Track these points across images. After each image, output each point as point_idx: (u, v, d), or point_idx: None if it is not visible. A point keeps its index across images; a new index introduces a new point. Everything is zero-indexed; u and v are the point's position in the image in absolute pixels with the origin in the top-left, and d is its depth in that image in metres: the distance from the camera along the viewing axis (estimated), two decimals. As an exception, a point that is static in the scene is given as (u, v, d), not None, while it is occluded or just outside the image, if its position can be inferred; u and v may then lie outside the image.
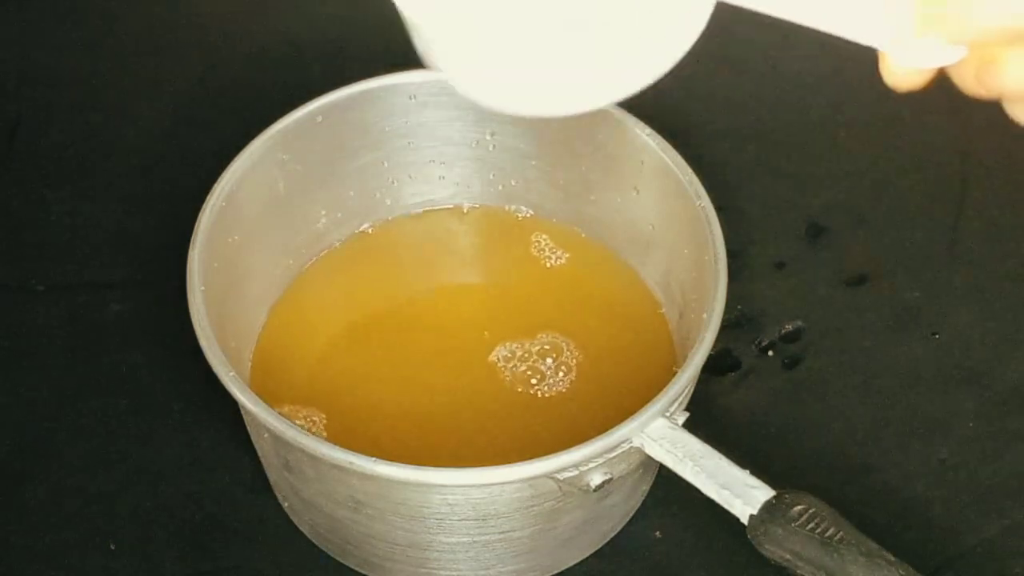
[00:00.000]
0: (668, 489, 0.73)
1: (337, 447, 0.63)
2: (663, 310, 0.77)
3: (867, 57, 0.97)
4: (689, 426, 0.66)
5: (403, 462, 0.63)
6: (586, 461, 0.63)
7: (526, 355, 0.76)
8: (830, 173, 0.88)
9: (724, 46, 0.95)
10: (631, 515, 0.73)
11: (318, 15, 0.96)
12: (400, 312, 0.79)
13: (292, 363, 0.75)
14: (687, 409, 0.67)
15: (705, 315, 0.68)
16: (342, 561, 0.72)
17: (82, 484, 0.75)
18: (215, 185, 0.72)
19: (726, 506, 0.64)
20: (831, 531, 0.63)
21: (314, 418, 0.73)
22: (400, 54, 0.84)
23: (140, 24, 0.96)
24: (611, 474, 0.64)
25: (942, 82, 0.95)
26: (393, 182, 0.80)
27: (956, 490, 0.74)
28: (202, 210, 0.71)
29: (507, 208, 0.81)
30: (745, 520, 0.64)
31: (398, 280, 0.80)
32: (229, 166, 0.73)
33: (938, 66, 0.51)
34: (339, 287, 0.79)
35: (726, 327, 0.79)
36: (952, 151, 0.88)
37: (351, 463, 0.63)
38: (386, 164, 0.79)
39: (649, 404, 0.64)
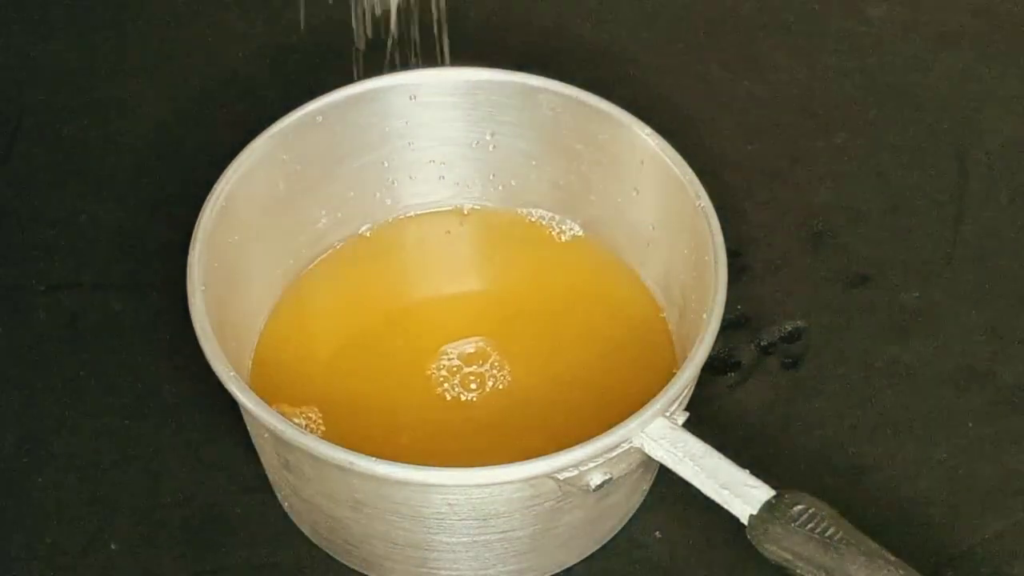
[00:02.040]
0: (668, 489, 0.73)
1: (337, 447, 0.63)
2: (663, 310, 0.77)
3: (867, 58, 0.97)
4: (689, 426, 0.66)
5: (403, 462, 0.63)
6: (586, 461, 0.63)
7: (526, 355, 0.76)
8: (830, 173, 0.88)
9: (724, 46, 0.95)
10: (631, 515, 0.73)
11: (318, 15, 0.96)
12: (400, 312, 0.79)
13: (292, 363, 0.75)
14: (687, 409, 0.67)
15: (705, 315, 0.68)
16: (342, 561, 0.72)
17: (82, 484, 0.75)
18: (215, 185, 0.72)
19: (726, 506, 0.64)
20: (831, 531, 0.63)
21: (313, 418, 0.73)
22: (400, 54, 0.84)
23: (140, 24, 0.96)
24: (611, 474, 0.64)
25: (942, 83, 0.95)
26: (393, 182, 0.80)
27: (956, 490, 0.74)
28: (202, 210, 0.71)
29: (507, 208, 0.81)
30: (745, 520, 0.64)
31: (398, 280, 0.80)
32: (229, 166, 0.73)
33: None
34: (339, 287, 0.79)
35: (726, 327, 0.78)
36: (952, 151, 0.88)
37: (351, 463, 0.63)
38: (386, 164, 0.79)
39: (649, 404, 0.64)
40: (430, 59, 0.79)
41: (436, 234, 0.81)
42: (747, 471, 0.65)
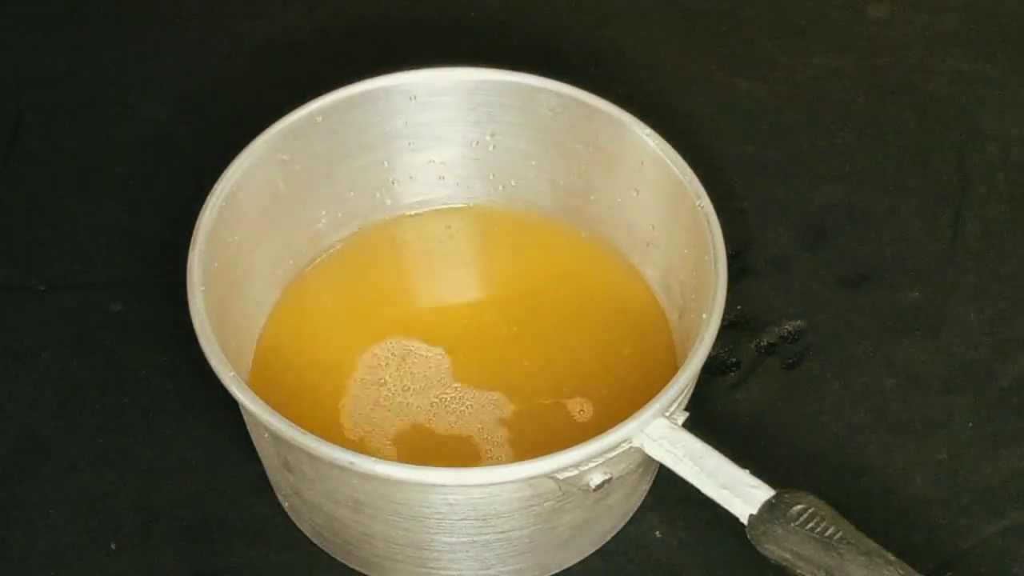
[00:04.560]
0: (668, 489, 0.73)
1: (337, 447, 0.63)
2: (663, 310, 0.77)
3: (867, 58, 0.97)
4: (689, 426, 0.66)
5: (404, 461, 0.63)
6: (586, 461, 0.63)
7: (526, 354, 0.76)
8: (830, 173, 0.88)
9: (724, 46, 0.95)
10: (631, 515, 0.73)
11: (318, 15, 0.96)
12: (400, 312, 0.79)
13: (292, 363, 0.75)
14: (687, 409, 0.67)
15: (705, 315, 0.68)
16: (342, 561, 0.72)
17: (82, 484, 0.75)
18: (215, 185, 0.72)
19: (726, 506, 0.64)
20: (831, 531, 0.63)
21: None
22: (400, 54, 0.84)
23: (140, 24, 0.96)
24: (611, 474, 0.64)
25: (942, 83, 0.95)
26: (393, 182, 0.80)
27: (956, 490, 0.74)
28: (202, 210, 0.71)
29: (507, 208, 0.81)
30: (745, 520, 0.64)
31: (398, 280, 0.80)
32: (229, 166, 0.73)
33: None
34: (339, 287, 0.79)
35: (726, 327, 0.79)
36: (952, 151, 0.88)
37: (351, 463, 0.63)
38: (386, 164, 0.79)
39: (649, 404, 0.64)
40: (430, 59, 0.79)
41: (436, 234, 0.81)
42: (747, 471, 0.65)
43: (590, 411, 0.73)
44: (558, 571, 0.72)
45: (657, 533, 0.73)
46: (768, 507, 0.63)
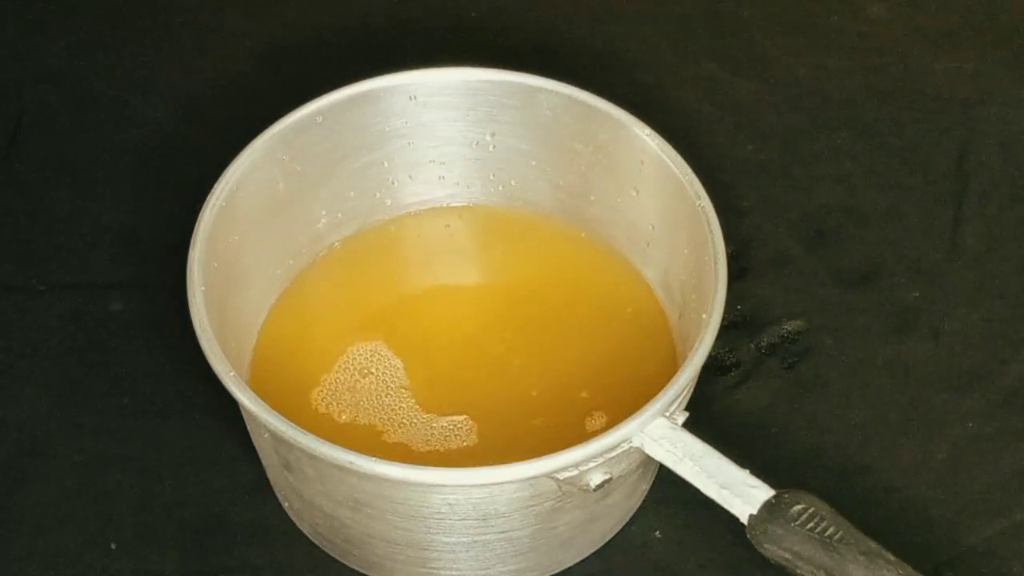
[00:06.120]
0: (668, 489, 0.73)
1: (337, 447, 0.63)
2: (663, 310, 0.77)
3: (867, 58, 0.97)
4: (689, 426, 0.66)
5: (403, 462, 0.63)
6: (586, 461, 0.63)
7: (526, 355, 0.76)
8: (830, 173, 0.88)
9: (724, 46, 0.95)
10: (631, 515, 0.73)
11: (319, 15, 0.96)
12: (400, 312, 0.79)
13: (292, 363, 0.75)
14: (687, 409, 0.67)
15: (705, 315, 0.68)
16: (342, 561, 0.72)
17: (82, 484, 0.75)
18: (215, 185, 0.72)
19: (726, 506, 0.64)
20: (831, 531, 0.63)
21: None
22: (400, 54, 0.84)
23: (140, 24, 0.96)
24: (611, 474, 0.64)
25: (942, 83, 0.95)
26: (393, 182, 0.80)
27: (956, 490, 0.74)
28: (202, 210, 0.71)
29: (507, 208, 0.81)
30: (745, 520, 0.64)
31: (398, 280, 0.80)
32: (229, 166, 0.73)
33: None
34: (339, 287, 0.79)
35: (726, 327, 0.79)
36: (952, 151, 0.88)
37: (351, 463, 0.63)
38: (386, 164, 0.79)
39: (649, 404, 0.64)
40: (430, 59, 0.79)
41: (436, 234, 0.81)
42: (747, 471, 0.65)
43: (589, 411, 0.73)
44: (558, 571, 0.72)
45: (657, 533, 0.73)
46: (768, 507, 0.63)
